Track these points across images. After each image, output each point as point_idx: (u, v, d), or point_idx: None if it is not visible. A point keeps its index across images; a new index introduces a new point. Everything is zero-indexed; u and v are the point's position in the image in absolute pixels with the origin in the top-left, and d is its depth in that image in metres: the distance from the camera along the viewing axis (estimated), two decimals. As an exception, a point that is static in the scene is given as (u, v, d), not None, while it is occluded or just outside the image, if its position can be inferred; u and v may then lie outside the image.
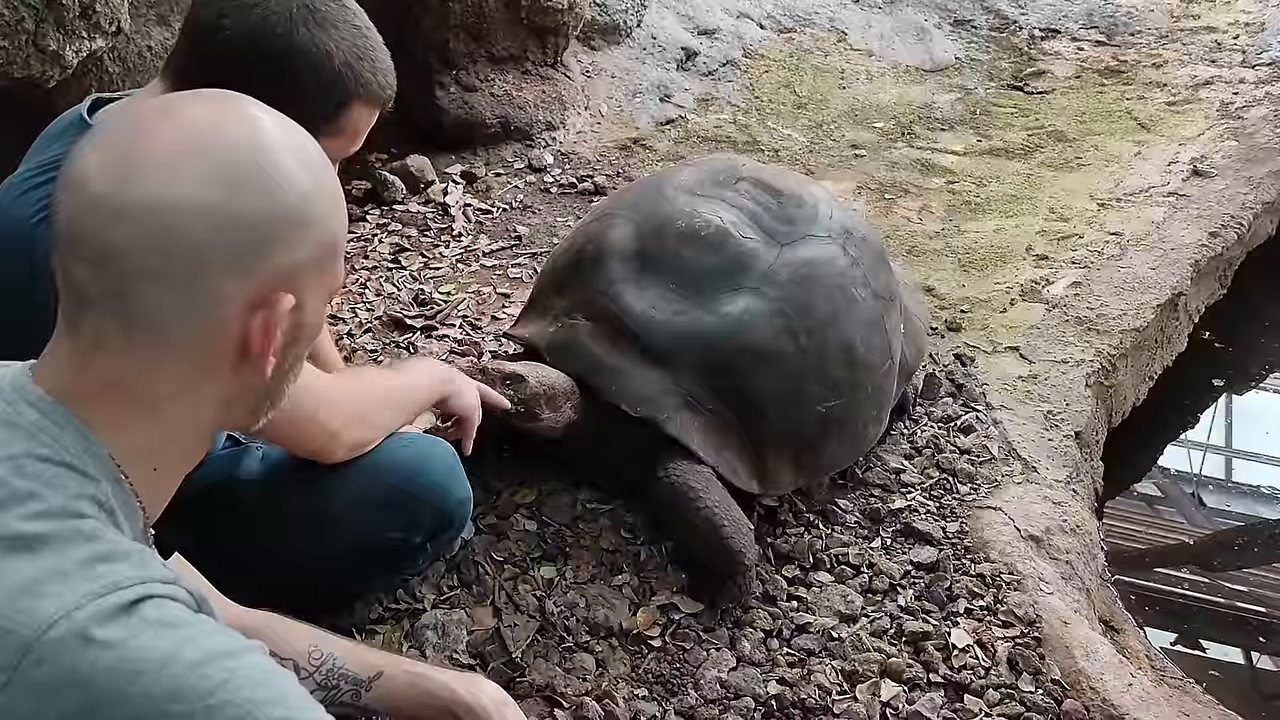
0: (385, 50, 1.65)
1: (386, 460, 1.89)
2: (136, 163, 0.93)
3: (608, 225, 2.49)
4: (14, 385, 0.97)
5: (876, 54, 5.44)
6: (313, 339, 1.08)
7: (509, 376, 2.16)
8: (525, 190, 4.01)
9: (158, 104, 1.03)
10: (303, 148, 1.02)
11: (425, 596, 2.17)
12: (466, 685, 1.57)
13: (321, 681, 1.49)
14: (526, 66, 4.32)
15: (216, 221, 0.93)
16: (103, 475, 0.95)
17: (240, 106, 1.01)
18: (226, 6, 1.53)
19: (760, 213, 2.47)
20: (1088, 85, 5.23)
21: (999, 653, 2.19)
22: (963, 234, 3.90)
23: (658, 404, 2.25)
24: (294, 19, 1.52)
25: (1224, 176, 4.23)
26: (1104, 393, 3.14)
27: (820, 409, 2.36)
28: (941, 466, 2.69)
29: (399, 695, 1.55)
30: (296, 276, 0.99)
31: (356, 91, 1.59)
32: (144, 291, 0.93)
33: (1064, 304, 3.42)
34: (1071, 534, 2.59)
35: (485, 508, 2.36)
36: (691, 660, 2.12)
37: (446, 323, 3.15)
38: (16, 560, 0.87)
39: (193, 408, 1.00)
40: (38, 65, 2.42)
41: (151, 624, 0.86)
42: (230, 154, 0.96)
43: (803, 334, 2.34)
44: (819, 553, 2.39)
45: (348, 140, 1.65)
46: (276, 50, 1.51)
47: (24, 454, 0.92)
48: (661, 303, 2.33)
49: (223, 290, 0.95)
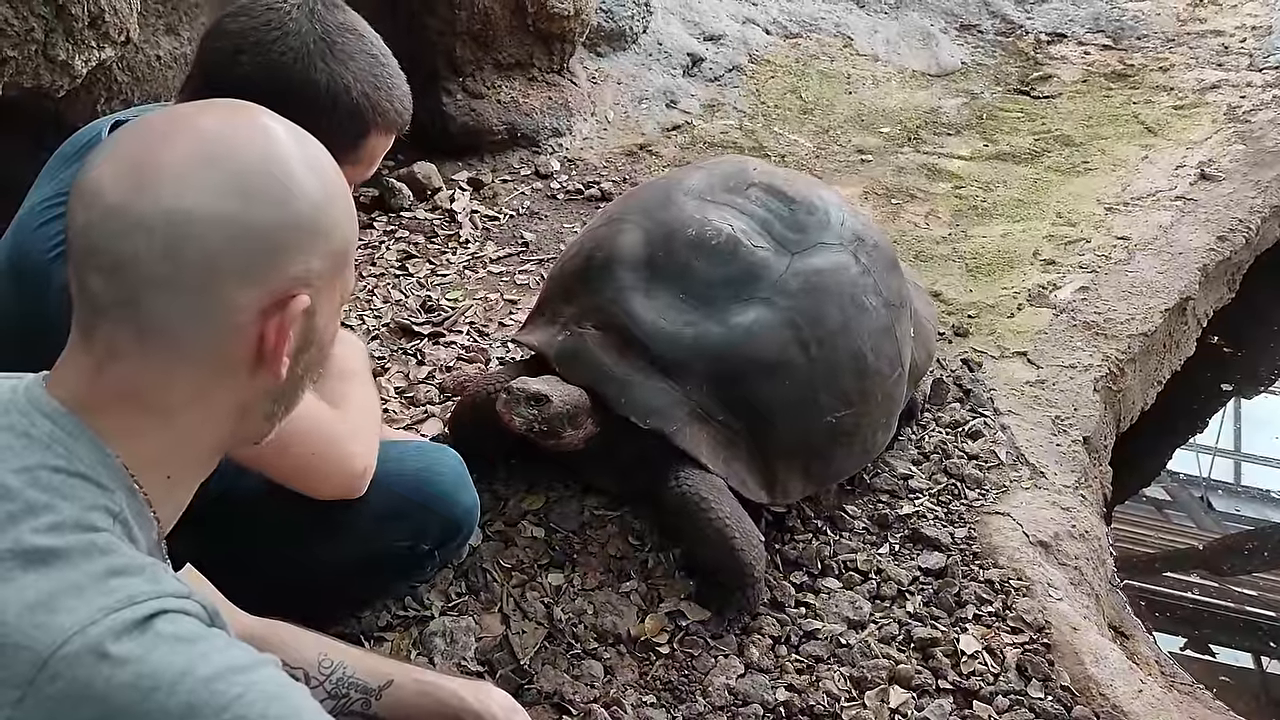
0: (402, 76, 1.66)
1: (395, 469, 1.89)
2: (149, 173, 0.94)
3: (616, 231, 2.47)
4: (29, 396, 0.97)
5: (882, 59, 5.44)
6: (326, 347, 1.08)
7: (533, 397, 2.16)
8: (532, 197, 4.01)
9: (169, 115, 1.04)
10: (314, 156, 1.03)
11: (433, 604, 2.18)
12: (475, 693, 1.58)
13: (332, 690, 1.49)
14: (533, 73, 4.33)
15: (229, 230, 0.94)
16: (116, 485, 0.96)
17: (252, 116, 1.02)
18: (244, 44, 1.53)
19: (771, 220, 2.46)
20: (1094, 89, 5.23)
21: (1008, 659, 2.19)
22: (970, 239, 3.89)
23: (667, 416, 2.24)
24: (311, 54, 1.53)
25: (1231, 180, 4.22)
26: (1112, 397, 3.14)
27: (830, 419, 2.35)
28: (949, 472, 2.69)
29: (408, 704, 1.55)
30: (309, 283, 1.00)
31: (375, 121, 1.61)
32: (156, 300, 0.93)
33: (1072, 309, 3.41)
34: (1080, 539, 2.58)
35: (493, 515, 2.36)
36: (699, 667, 2.12)
37: (454, 329, 3.15)
38: (33, 574, 0.87)
39: (206, 415, 1.01)
40: (47, 75, 2.43)
41: (166, 639, 0.87)
42: (242, 163, 0.96)
43: (813, 344, 2.33)
44: (827, 559, 2.38)
45: (365, 167, 1.68)
46: (294, 86, 1.52)
47: (39, 465, 0.92)
48: (671, 313, 2.32)
49: (235, 298, 0.95)
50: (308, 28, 1.54)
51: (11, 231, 1.60)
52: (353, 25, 1.61)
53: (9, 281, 1.57)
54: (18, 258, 1.56)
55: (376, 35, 1.64)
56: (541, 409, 2.16)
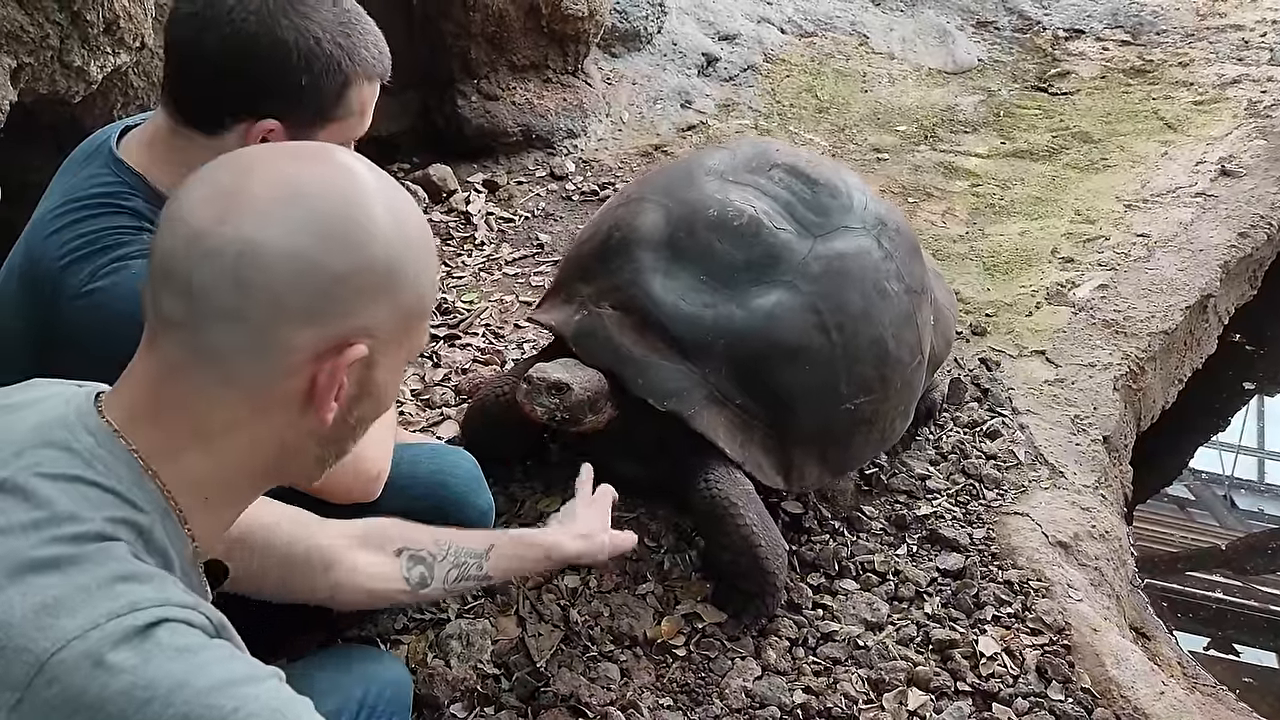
0: (370, 20, 1.59)
1: (409, 471, 1.89)
2: (232, 204, 0.95)
3: (637, 211, 2.42)
4: (78, 413, 0.99)
5: (898, 57, 5.42)
6: (385, 401, 1.07)
7: (554, 386, 2.12)
8: (547, 198, 4.01)
9: (260, 150, 1.06)
10: (400, 206, 1.02)
11: (450, 606, 2.18)
12: (556, 537, 1.77)
13: (455, 561, 1.61)
14: (547, 74, 4.33)
15: (299, 268, 0.94)
16: (151, 505, 0.97)
17: (341, 159, 1.02)
18: (204, 21, 1.49)
19: (794, 202, 2.42)
20: (1113, 85, 5.19)
21: (1027, 660, 2.17)
22: (987, 237, 3.87)
23: (685, 399, 2.21)
24: (273, 13, 1.48)
25: (1252, 176, 4.18)
26: (1132, 396, 3.11)
27: (849, 406, 2.32)
28: (968, 472, 2.67)
29: (511, 557, 1.70)
30: (371, 333, 0.99)
31: (354, 70, 1.54)
32: (217, 327, 0.95)
33: (1091, 307, 3.38)
34: (1100, 539, 2.56)
35: (509, 517, 2.36)
36: (716, 669, 2.11)
37: (469, 331, 3.15)
38: (42, 578, 0.88)
39: (249, 445, 1.01)
40: (63, 81, 2.44)
41: (165, 649, 0.86)
42: (324, 203, 0.96)
43: (834, 330, 2.29)
44: (844, 560, 2.37)
45: (357, 120, 1.60)
46: (263, 50, 1.48)
47: (75, 478, 0.94)
48: (691, 294, 2.27)
49: (292, 337, 0.96)
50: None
51: (24, 238, 1.61)
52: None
53: (21, 288, 1.57)
54: (30, 265, 1.56)
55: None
56: (563, 398, 2.12)
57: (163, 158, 1.56)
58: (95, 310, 1.45)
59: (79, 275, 1.49)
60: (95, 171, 1.58)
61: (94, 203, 1.54)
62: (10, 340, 1.57)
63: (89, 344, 1.35)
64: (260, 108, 1.50)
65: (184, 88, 1.54)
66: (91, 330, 1.45)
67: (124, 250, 1.49)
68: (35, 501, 0.91)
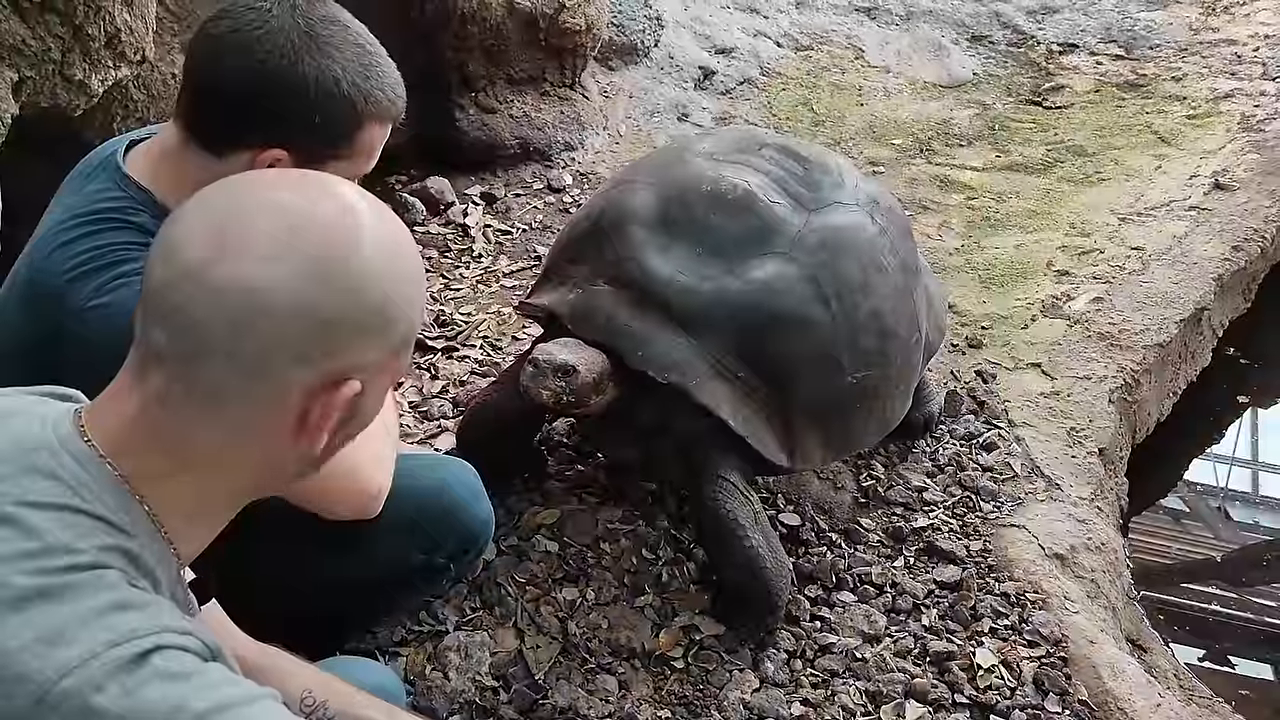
0: (391, 63, 1.61)
1: (409, 482, 1.89)
2: (229, 241, 0.95)
3: (627, 191, 2.39)
4: (58, 435, 0.99)
5: (894, 70, 5.44)
6: (369, 419, 1.09)
7: (560, 369, 2.07)
8: (545, 211, 4.02)
9: (257, 180, 1.06)
10: (396, 241, 1.03)
11: (448, 618, 2.18)
12: None
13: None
14: (545, 88, 4.34)
15: (296, 312, 0.95)
16: (139, 530, 0.97)
17: (339, 194, 1.02)
18: (228, 46, 1.51)
19: (786, 178, 2.39)
20: (1107, 99, 5.21)
21: (1025, 673, 2.18)
22: (983, 250, 3.89)
23: (686, 370, 2.16)
24: (296, 49, 1.50)
25: (1246, 190, 4.21)
26: (1127, 408, 3.12)
27: (851, 379, 2.28)
28: (964, 484, 2.68)
29: None
30: (364, 369, 1.01)
31: (369, 111, 1.57)
32: (211, 364, 0.95)
33: (1086, 319, 3.40)
34: (1096, 551, 2.57)
35: (507, 529, 2.37)
36: (714, 681, 2.11)
37: (467, 344, 3.16)
38: (40, 608, 0.89)
39: (236, 468, 1.02)
40: (64, 95, 2.44)
41: (161, 675, 0.88)
42: (322, 246, 0.97)
43: (834, 300, 2.26)
44: (842, 572, 2.38)
45: (365, 160, 1.63)
46: (282, 85, 1.50)
47: (64, 507, 0.94)
48: (688, 267, 2.23)
49: (286, 377, 0.97)
50: (290, 23, 1.51)
51: (27, 253, 1.61)
52: (335, 16, 1.57)
53: (24, 303, 1.58)
54: (32, 281, 1.57)
55: (362, 25, 1.60)
56: (570, 380, 2.07)
57: (170, 175, 1.57)
58: (100, 325, 1.45)
59: (84, 290, 1.49)
60: (101, 186, 1.58)
61: (100, 218, 1.55)
62: (6, 352, 1.58)
63: (92, 359, 1.35)
64: (272, 137, 1.52)
65: (199, 110, 1.55)
66: (95, 346, 1.44)
67: (130, 266, 1.49)
68: (27, 532, 0.92)
